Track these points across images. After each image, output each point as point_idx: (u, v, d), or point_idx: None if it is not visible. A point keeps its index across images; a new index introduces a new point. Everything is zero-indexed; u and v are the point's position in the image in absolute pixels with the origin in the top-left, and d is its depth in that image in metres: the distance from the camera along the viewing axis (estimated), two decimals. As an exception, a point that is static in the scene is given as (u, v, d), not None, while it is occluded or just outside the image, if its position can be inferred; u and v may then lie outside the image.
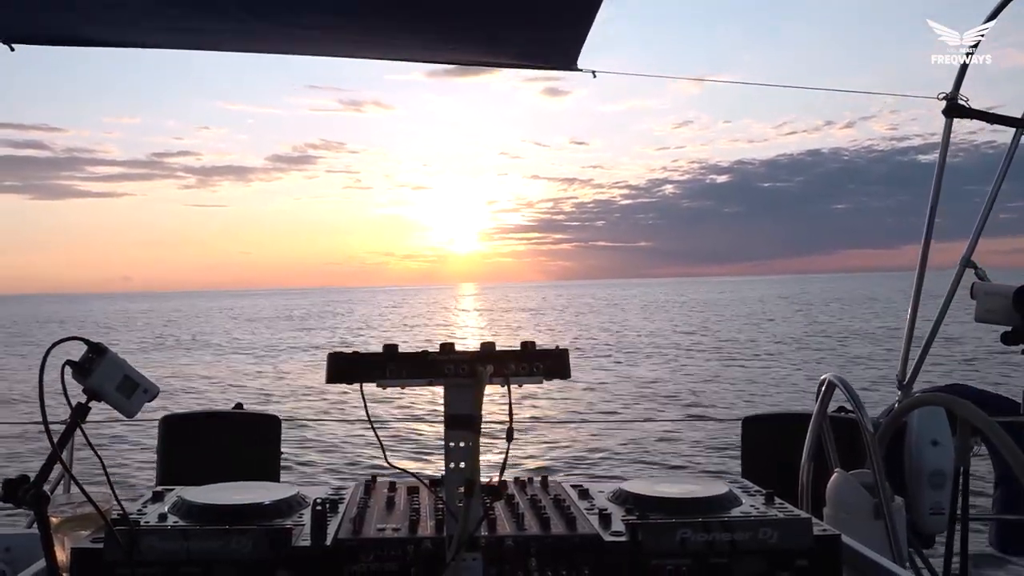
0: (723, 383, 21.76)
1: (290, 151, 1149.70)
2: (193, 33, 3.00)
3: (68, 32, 3.02)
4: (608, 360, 28.63)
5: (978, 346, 24.97)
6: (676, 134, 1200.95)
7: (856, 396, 2.65)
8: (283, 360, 31.14)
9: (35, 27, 2.92)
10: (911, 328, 3.96)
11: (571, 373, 1.47)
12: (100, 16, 2.85)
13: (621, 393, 20.13)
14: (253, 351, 36.17)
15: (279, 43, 3.21)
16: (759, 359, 28.04)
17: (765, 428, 3.49)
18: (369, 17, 2.84)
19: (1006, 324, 2.86)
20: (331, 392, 18.19)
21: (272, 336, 47.04)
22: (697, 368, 25.66)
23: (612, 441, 13.03)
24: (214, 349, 38.47)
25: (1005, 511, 3.48)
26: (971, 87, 3.88)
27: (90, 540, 1.50)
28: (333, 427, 13.92)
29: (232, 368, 28.87)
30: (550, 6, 2.68)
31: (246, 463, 3.37)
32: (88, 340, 1.46)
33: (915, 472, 2.95)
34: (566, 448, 12.78)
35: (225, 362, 31.31)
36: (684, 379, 22.91)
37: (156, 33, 3.05)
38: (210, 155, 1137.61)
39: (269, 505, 1.62)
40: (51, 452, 1.38)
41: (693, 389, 20.67)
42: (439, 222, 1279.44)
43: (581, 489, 1.84)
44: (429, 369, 1.44)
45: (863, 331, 38.46)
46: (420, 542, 1.49)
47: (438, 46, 3.22)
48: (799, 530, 1.54)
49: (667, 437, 13.20)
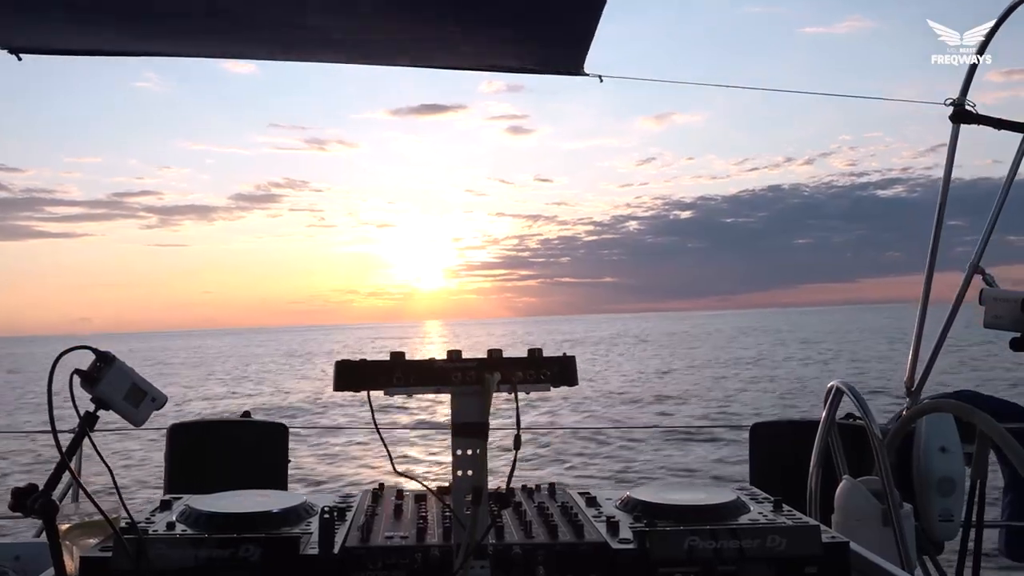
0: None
1: (253, 190, 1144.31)
2: (195, 40, 3.01)
3: (74, 42, 3.04)
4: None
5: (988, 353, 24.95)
6: (639, 171, 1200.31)
7: (864, 403, 2.64)
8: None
9: (42, 37, 2.94)
10: (919, 334, 3.95)
11: (578, 380, 1.47)
12: (107, 26, 2.87)
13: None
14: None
15: (282, 49, 3.22)
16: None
17: (773, 435, 3.48)
18: (373, 23, 2.85)
19: (1014, 330, 2.84)
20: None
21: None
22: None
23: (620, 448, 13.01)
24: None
25: (1014, 518, 3.46)
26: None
27: (99, 549, 1.50)
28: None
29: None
30: (554, 11, 2.69)
31: (254, 471, 3.37)
32: (96, 349, 1.47)
33: (924, 479, 2.93)
34: (574, 455, 12.75)
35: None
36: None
37: (162, 42, 3.07)
38: (172, 194, 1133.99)
39: (277, 513, 1.62)
40: (59, 461, 1.38)
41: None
42: (404, 259, 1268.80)
43: (589, 497, 1.84)
44: (436, 377, 1.45)
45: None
46: (428, 550, 1.49)
47: (443, 52, 3.22)
48: (807, 537, 1.53)
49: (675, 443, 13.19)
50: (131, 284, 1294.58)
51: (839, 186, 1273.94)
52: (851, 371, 8.99)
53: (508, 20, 2.80)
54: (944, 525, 2.87)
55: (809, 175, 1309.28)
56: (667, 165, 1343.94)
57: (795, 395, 24.66)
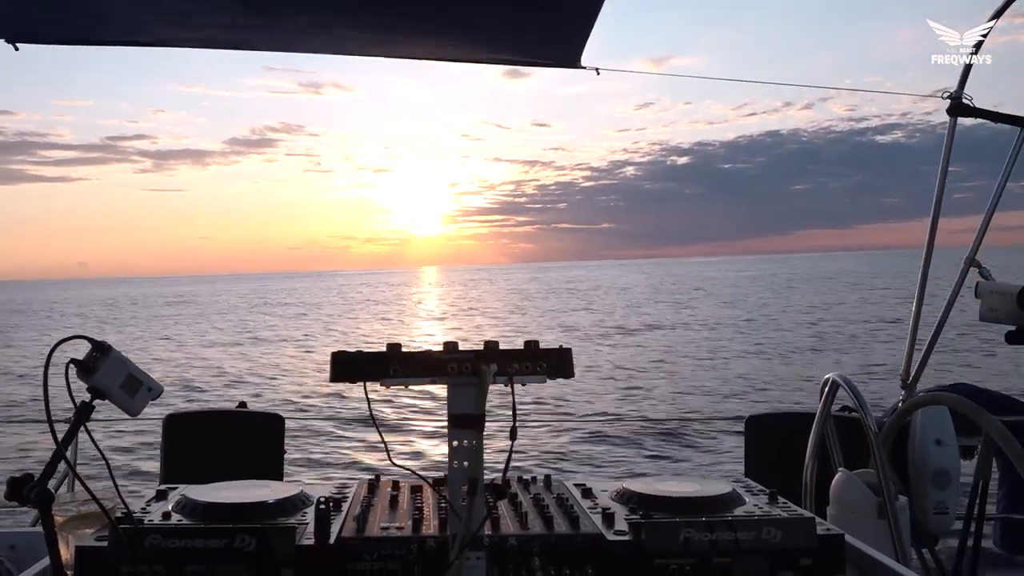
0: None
1: (248, 134, 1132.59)
2: (193, 30, 3.00)
3: (71, 31, 3.03)
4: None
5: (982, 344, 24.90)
6: (637, 116, 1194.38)
7: (860, 395, 2.64)
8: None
9: (39, 27, 2.92)
10: (915, 327, 3.96)
11: (574, 372, 1.47)
12: (104, 15, 2.85)
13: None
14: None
15: (277, 41, 3.20)
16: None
17: (768, 427, 3.48)
18: (369, 14, 2.84)
19: (1010, 323, 2.85)
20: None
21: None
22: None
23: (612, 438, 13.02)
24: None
25: (1009, 510, 3.48)
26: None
27: (94, 538, 1.50)
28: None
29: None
30: (553, 4, 2.68)
31: (250, 461, 3.37)
32: (92, 339, 1.46)
33: (919, 472, 2.94)
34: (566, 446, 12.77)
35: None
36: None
37: (160, 31, 3.06)
38: (166, 139, 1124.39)
39: (273, 504, 1.62)
40: (55, 450, 1.38)
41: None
42: (401, 205, 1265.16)
43: (584, 488, 1.84)
44: (433, 368, 1.44)
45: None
46: (424, 541, 1.50)
47: (439, 44, 3.21)
48: (803, 529, 1.54)
49: (669, 434, 13.19)
50: (127, 228, 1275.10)
51: (838, 131, 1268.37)
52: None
53: (506, 14, 2.80)
54: (939, 517, 2.88)
55: (808, 120, 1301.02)
56: (665, 110, 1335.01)
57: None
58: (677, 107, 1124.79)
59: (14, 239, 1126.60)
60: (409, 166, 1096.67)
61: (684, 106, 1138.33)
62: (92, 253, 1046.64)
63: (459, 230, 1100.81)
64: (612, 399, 17.71)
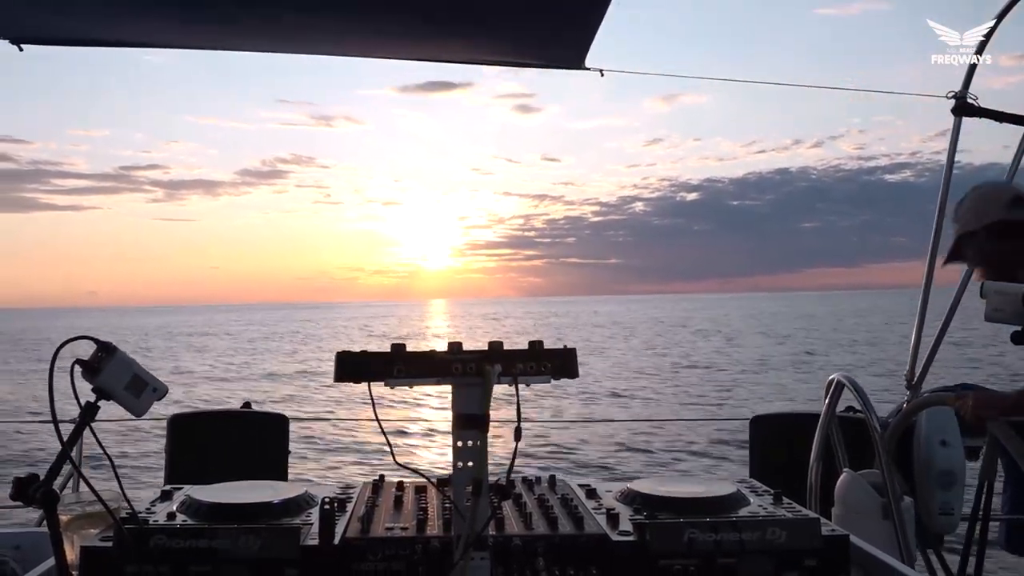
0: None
1: (259, 165, 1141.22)
2: (195, 32, 3.00)
3: (75, 32, 3.03)
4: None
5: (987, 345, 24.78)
6: (646, 152, 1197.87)
7: (865, 396, 2.64)
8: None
9: (43, 28, 2.93)
10: (920, 328, 3.95)
11: (579, 372, 1.47)
12: (108, 16, 2.86)
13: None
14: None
15: (286, 42, 3.20)
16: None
17: (773, 428, 3.48)
18: (375, 16, 2.84)
19: (1015, 324, 2.84)
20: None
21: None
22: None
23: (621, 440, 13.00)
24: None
25: (1014, 511, 3.46)
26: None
27: (99, 538, 1.50)
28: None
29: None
30: (559, 5, 2.68)
31: (254, 462, 3.38)
32: (97, 339, 1.47)
33: (924, 472, 2.93)
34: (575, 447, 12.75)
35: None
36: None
37: (162, 33, 3.06)
38: (178, 169, 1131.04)
39: (277, 504, 1.62)
40: (61, 451, 1.38)
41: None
42: (410, 237, 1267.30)
43: (589, 489, 1.84)
44: (437, 368, 1.44)
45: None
46: (428, 541, 1.50)
47: (445, 45, 3.21)
48: (807, 530, 1.53)
49: (675, 436, 13.17)
50: (138, 258, 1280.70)
51: (847, 170, 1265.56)
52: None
53: (511, 15, 2.79)
54: (944, 518, 2.87)
55: (817, 158, 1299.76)
56: (674, 146, 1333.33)
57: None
58: (687, 143, 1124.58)
59: (24, 267, 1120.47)
60: (418, 199, 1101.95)
61: (694, 142, 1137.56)
62: (102, 282, 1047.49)
63: (467, 263, 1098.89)
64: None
